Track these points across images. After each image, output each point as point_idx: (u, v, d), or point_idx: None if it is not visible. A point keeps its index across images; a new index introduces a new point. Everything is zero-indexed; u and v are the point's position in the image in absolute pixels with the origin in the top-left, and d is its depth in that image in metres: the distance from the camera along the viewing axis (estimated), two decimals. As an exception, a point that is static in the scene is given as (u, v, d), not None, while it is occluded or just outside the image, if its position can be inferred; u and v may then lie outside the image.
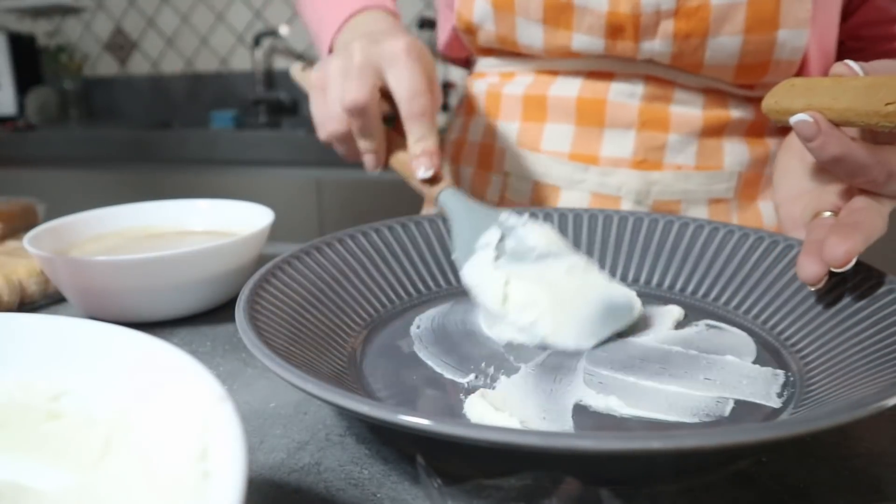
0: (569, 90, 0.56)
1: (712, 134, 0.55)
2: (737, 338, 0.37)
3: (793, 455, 0.28)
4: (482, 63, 0.64)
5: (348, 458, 0.29)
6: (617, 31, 0.51)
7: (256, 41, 2.03)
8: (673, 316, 0.39)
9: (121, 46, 2.27)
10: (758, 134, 0.56)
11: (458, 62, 0.70)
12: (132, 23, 2.23)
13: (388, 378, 0.33)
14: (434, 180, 0.44)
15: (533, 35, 0.55)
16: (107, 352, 0.23)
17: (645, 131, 0.55)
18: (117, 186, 1.73)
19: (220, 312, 0.46)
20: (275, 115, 2.06)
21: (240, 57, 2.14)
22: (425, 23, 1.83)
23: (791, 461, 0.28)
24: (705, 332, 0.38)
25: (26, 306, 0.48)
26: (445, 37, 0.65)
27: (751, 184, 0.57)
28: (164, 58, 2.23)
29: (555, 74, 0.58)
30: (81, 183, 1.76)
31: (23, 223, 0.63)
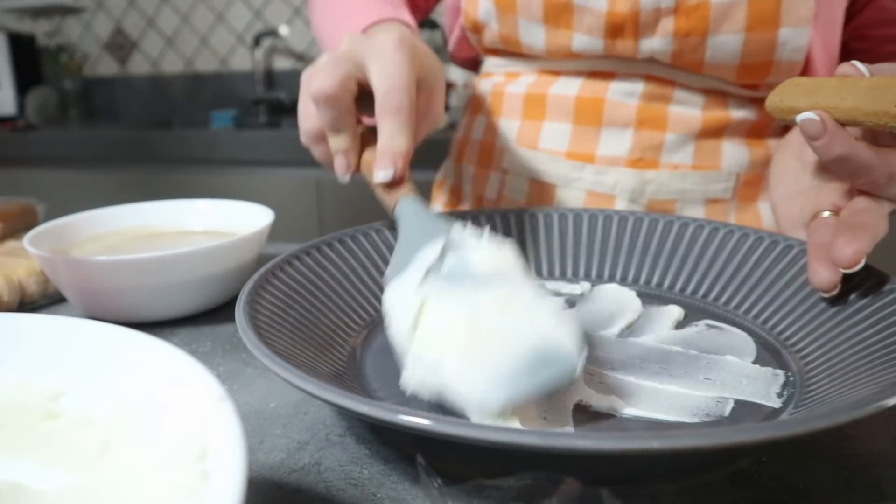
0: (569, 89, 0.57)
1: (711, 135, 0.55)
2: (737, 338, 0.37)
3: (793, 455, 0.28)
4: (488, 63, 0.65)
5: (348, 458, 0.29)
6: (616, 30, 0.51)
7: (256, 41, 2.03)
8: (673, 316, 0.39)
9: (121, 46, 2.27)
10: (759, 135, 0.56)
11: (467, 63, 0.70)
12: (132, 23, 2.23)
13: (388, 378, 0.33)
14: (394, 185, 0.39)
15: (534, 35, 0.55)
16: (107, 352, 0.23)
17: (642, 130, 0.55)
18: (117, 186, 1.73)
19: (220, 312, 0.46)
20: (275, 115, 2.06)
21: (240, 57, 2.14)
22: (425, 22, 1.83)
23: (791, 461, 0.28)
24: (705, 332, 0.38)
25: (26, 306, 0.48)
26: (454, 37, 0.65)
27: (750, 185, 0.56)
28: (164, 58, 2.23)
29: (557, 74, 0.58)
30: (81, 183, 1.76)
31: (23, 223, 0.63)
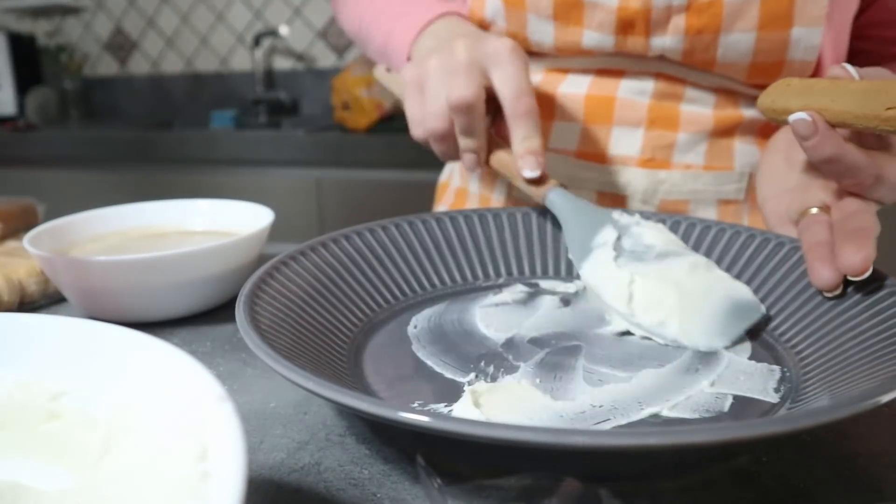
0: (578, 88, 0.56)
1: (723, 134, 0.54)
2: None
3: (793, 455, 0.28)
4: None
5: (348, 458, 0.29)
6: (627, 27, 0.51)
7: (256, 41, 2.03)
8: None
9: (121, 46, 2.27)
10: (770, 135, 0.55)
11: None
12: (132, 23, 2.23)
13: (388, 378, 0.33)
14: (540, 180, 0.44)
15: (544, 32, 0.54)
16: (107, 352, 0.23)
17: (653, 130, 0.54)
18: (117, 186, 1.73)
19: (220, 312, 0.46)
20: (275, 115, 2.06)
21: (240, 57, 2.14)
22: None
23: (791, 461, 0.28)
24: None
25: (26, 306, 0.48)
26: None
27: None
28: (164, 58, 2.23)
29: (565, 72, 0.57)
30: (81, 183, 1.76)
31: (23, 223, 0.63)
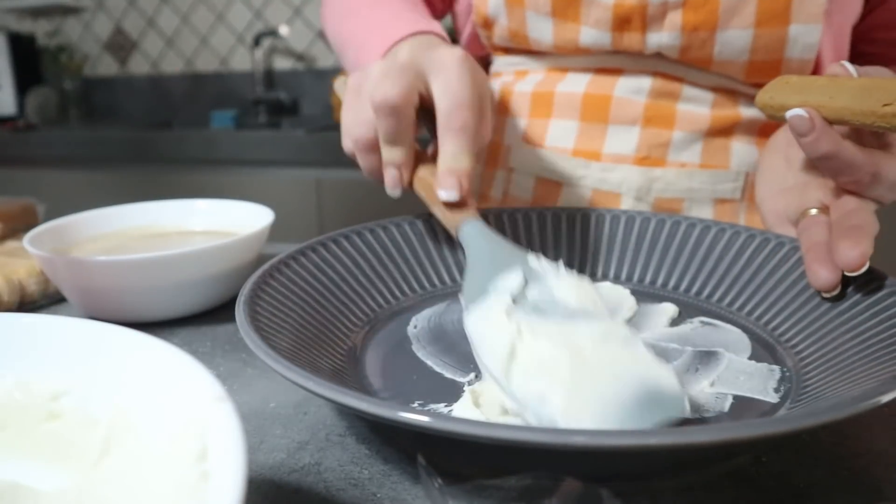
0: (576, 86, 0.56)
1: (720, 133, 0.54)
2: (731, 334, 0.37)
3: (793, 455, 0.28)
4: (498, 63, 0.64)
5: (348, 458, 0.29)
6: (624, 23, 0.51)
7: (256, 41, 2.03)
8: (667, 313, 0.39)
9: (121, 46, 2.27)
10: (770, 135, 0.55)
11: (478, 63, 0.70)
12: (132, 23, 2.23)
13: (388, 378, 0.33)
14: (458, 206, 0.39)
15: (542, 29, 0.55)
16: (107, 352, 0.23)
17: (649, 128, 0.54)
18: (117, 186, 1.73)
19: (220, 312, 0.46)
20: (275, 115, 2.06)
21: (240, 57, 2.14)
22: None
23: (791, 461, 0.28)
24: (700, 328, 0.38)
25: (26, 306, 0.48)
26: (465, 36, 0.65)
27: None
28: (164, 58, 2.23)
29: (565, 71, 0.58)
30: (81, 183, 1.76)
31: (23, 223, 0.63)
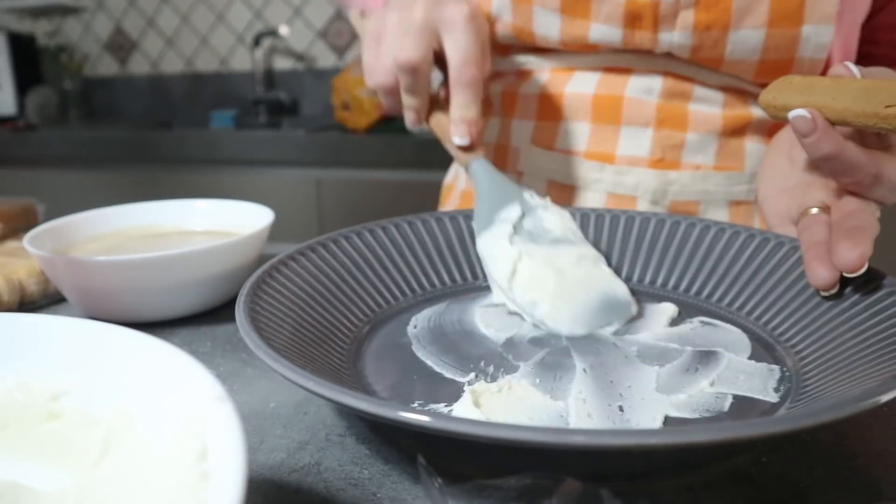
0: (585, 87, 0.55)
1: (733, 134, 0.54)
2: (731, 334, 0.37)
3: (793, 455, 0.28)
4: (499, 63, 0.63)
5: (348, 458, 0.29)
6: (635, 20, 0.50)
7: (256, 41, 2.03)
8: (667, 313, 0.39)
9: (121, 46, 2.27)
10: None
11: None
12: (132, 23, 2.23)
13: (388, 378, 0.33)
14: (468, 148, 0.46)
15: (550, 25, 0.53)
16: (107, 352, 0.23)
17: (662, 129, 0.53)
18: (117, 186, 1.73)
19: (220, 312, 0.46)
20: (275, 115, 2.06)
21: (240, 57, 2.14)
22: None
23: (791, 461, 0.28)
24: (699, 328, 0.38)
25: (26, 306, 0.48)
26: None
27: None
28: (164, 58, 2.23)
29: (571, 71, 0.56)
30: (81, 183, 1.76)
31: (23, 223, 0.63)
